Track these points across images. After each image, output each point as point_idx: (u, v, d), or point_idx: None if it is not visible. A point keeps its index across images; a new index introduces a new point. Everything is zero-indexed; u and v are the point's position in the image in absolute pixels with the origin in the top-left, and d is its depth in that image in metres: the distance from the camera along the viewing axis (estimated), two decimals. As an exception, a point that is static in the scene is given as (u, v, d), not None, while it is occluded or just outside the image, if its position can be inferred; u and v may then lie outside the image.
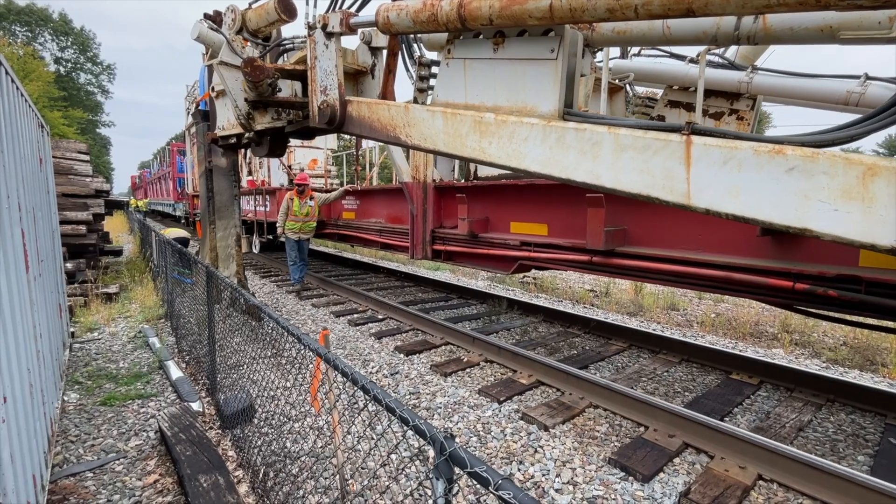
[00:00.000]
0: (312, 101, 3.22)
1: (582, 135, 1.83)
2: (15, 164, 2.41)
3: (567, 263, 4.13)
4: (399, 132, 2.60)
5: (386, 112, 2.70)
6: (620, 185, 1.75)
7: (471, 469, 0.95)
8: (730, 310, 7.33)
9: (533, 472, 2.73)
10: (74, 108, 33.18)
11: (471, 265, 5.24)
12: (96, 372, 4.21)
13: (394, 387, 3.98)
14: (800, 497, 2.53)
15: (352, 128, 3.04)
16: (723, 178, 1.55)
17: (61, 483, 2.57)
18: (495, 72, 2.24)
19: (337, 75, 3.03)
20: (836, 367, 4.74)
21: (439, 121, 2.33)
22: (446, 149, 2.33)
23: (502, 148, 2.08)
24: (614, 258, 3.67)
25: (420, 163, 5.50)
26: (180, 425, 2.98)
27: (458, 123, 2.25)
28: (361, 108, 2.92)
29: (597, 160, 1.79)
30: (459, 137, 2.25)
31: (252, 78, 3.39)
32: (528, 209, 4.61)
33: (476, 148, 2.18)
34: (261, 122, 4.03)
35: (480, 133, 2.15)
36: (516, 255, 4.55)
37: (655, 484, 2.63)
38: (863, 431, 3.28)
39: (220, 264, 6.01)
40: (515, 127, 2.03)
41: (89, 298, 6.55)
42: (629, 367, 4.50)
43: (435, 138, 2.38)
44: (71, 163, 7.88)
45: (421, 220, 5.58)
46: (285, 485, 2.42)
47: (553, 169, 1.93)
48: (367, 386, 1.36)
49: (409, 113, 2.53)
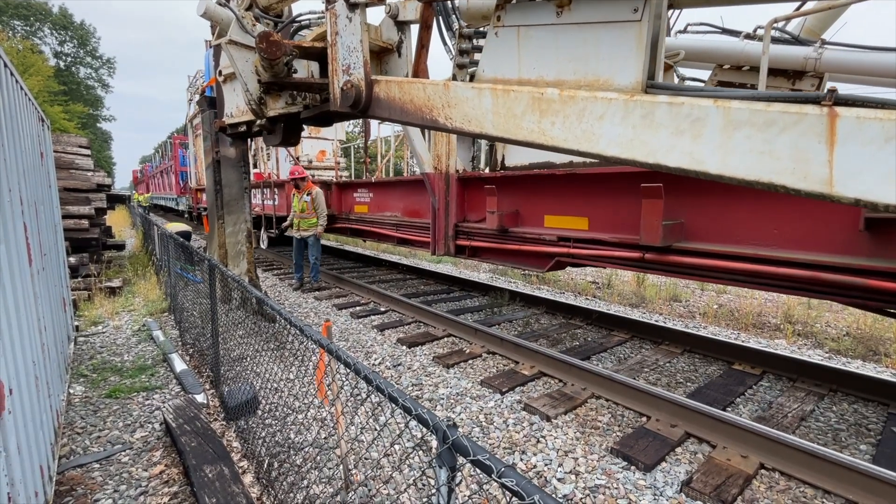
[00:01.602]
0: (333, 83, 2.85)
1: (678, 110, 1.52)
2: (16, 158, 2.41)
3: (613, 261, 3.76)
4: (437, 114, 2.26)
5: (421, 92, 2.34)
6: (731, 171, 1.46)
7: (473, 457, 0.95)
8: (732, 301, 7.31)
9: (535, 462, 2.75)
10: (75, 102, 33.15)
11: (499, 262, 4.87)
12: (101, 365, 4.23)
13: (396, 378, 4.00)
14: (802, 486, 2.54)
15: (379, 111, 2.68)
16: (884, 161, 1.22)
17: (68, 474, 2.60)
18: (558, 40, 1.94)
19: (362, 52, 2.67)
20: (838, 358, 4.74)
21: (487, 100, 2.02)
22: (496, 132, 2.02)
23: (569, 129, 1.76)
24: (671, 255, 3.31)
25: (442, 152, 5.12)
26: (185, 417, 3.00)
27: (511, 102, 1.94)
28: (391, 89, 2.56)
29: (698, 140, 1.49)
30: (513, 118, 1.93)
31: (268, 55, 3.06)
32: (565, 201, 4.22)
33: (534, 130, 1.86)
34: (274, 108, 3.69)
35: (540, 112, 1.83)
36: (553, 252, 4.16)
37: (657, 473, 2.64)
38: (865, 421, 3.28)
39: (230, 262, 5.70)
40: (587, 103, 1.71)
41: (93, 292, 6.58)
42: (631, 357, 4.50)
43: (481, 120, 2.06)
44: (72, 157, 7.88)
45: (443, 213, 5.21)
46: (289, 475, 2.44)
47: (637, 152, 1.62)
48: (369, 376, 1.36)
49: (450, 92, 2.18)
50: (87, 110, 37.30)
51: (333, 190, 8.14)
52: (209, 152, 5.63)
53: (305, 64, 3.73)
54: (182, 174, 19.25)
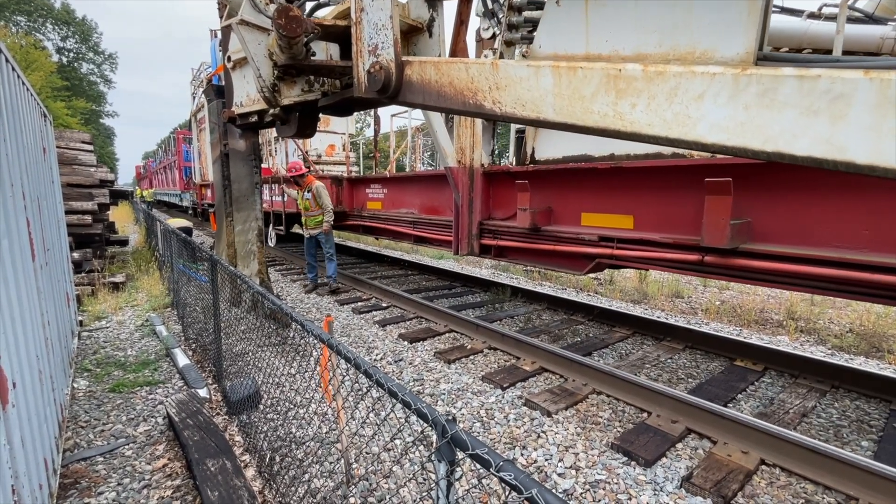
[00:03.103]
0: (358, 65, 2.53)
1: (812, 85, 1.21)
2: (18, 154, 2.41)
3: (664, 264, 3.45)
4: (482, 98, 1.96)
5: (463, 72, 2.04)
6: (886, 161, 1.18)
7: (472, 451, 0.95)
8: (734, 297, 7.29)
9: (536, 457, 2.75)
10: (77, 98, 33.18)
11: (530, 263, 4.58)
12: (105, 359, 4.26)
13: (398, 374, 4.01)
14: (803, 482, 2.54)
15: (411, 96, 2.35)
16: None
17: (72, 467, 2.62)
18: (638, 7, 1.66)
19: (392, 29, 2.35)
20: (841, 354, 4.72)
21: (547, 79, 1.70)
22: (558, 117, 1.70)
23: (656, 111, 1.47)
24: (738, 258, 2.99)
25: (466, 145, 4.78)
26: (188, 411, 3.02)
27: (578, 81, 1.63)
28: (425, 71, 2.23)
29: (840, 122, 1.20)
30: (580, 100, 1.63)
31: (287, 32, 2.76)
32: (606, 198, 3.88)
33: (608, 114, 1.56)
34: (288, 96, 3.38)
35: (617, 92, 1.54)
36: (593, 253, 3.83)
37: (658, 469, 2.65)
38: (867, 417, 3.27)
39: (240, 262, 5.39)
40: (681, 80, 1.42)
41: (96, 287, 6.62)
42: (633, 353, 4.50)
43: (539, 103, 1.74)
44: (75, 153, 7.90)
45: (466, 210, 4.85)
46: (291, 469, 2.45)
47: (750, 139, 1.34)
48: (369, 371, 1.36)
49: (500, 72, 1.87)
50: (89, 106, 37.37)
51: (345, 185, 7.89)
52: (217, 145, 5.32)
53: (324, 46, 3.40)
54: (186, 170, 19.13)
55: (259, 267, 5.48)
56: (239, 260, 5.40)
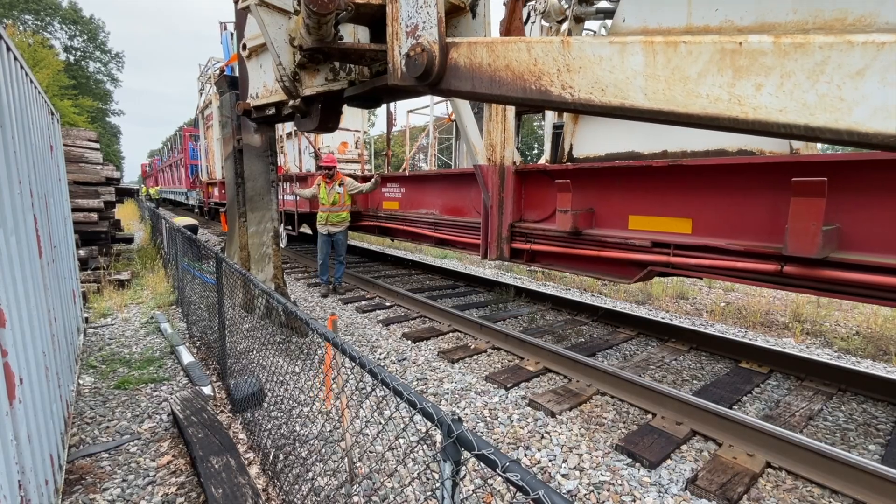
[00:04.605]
0: (394, 49, 2.22)
1: None
2: (26, 151, 2.43)
3: (734, 274, 3.07)
4: (548, 83, 1.64)
5: (524, 53, 1.71)
6: None
7: (478, 451, 0.95)
8: (740, 298, 7.25)
9: (540, 458, 2.74)
10: (84, 96, 33.36)
11: (569, 270, 4.16)
12: (110, 356, 4.29)
13: (401, 373, 4.01)
14: (809, 485, 2.52)
15: (457, 82, 2.02)
16: None
17: (78, 463, 2.63)
18: None
19: (437, 6, 2.05)
20: (848, 357, 4.68)
21: (636, 57, 1.41)
22: (650, 103, 1.41)
23: (793, 94, 1.16)
24: (825, 269, 2.63)
25: (497, 141, 4.42)
26: (192, 409, 3.03)
27: (680, 58, 1.33)
28: (476, 53, 1.91)
29: None
30: (682, 82, 1.33)
31: (318, 9, 2.46)
32: (658, 199, 3.52)
33: (720, 98, 1.25)
34: (311, 85, 3.07)
35: (735, 70, 1.22)
36: (645, 260, 3.49)
37: (662, 470, 2.64)
38: (874, 421, 3.24)
39: (253, 266, 5.05)
40: (831, 52, 1.11)
41: (102, 285, 6.65)
42: (637, 354, 4.48)
43: (625, 87, 1.44)
44: (81, 151, 7.95)
45: (496, 211, 4.51)
46: (294, 467, 2.46)
47: None
48: (374, 370, 1.36)
49: (573, 51, 1.56)
50: (96, 104, 37.56)
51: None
52: (229, 140, 5.00)
53: (351, 31, 3.08)
54: (192, 167, 18.97)
55: (275, 271, 5.08)
56: (253, 264, 5.09)
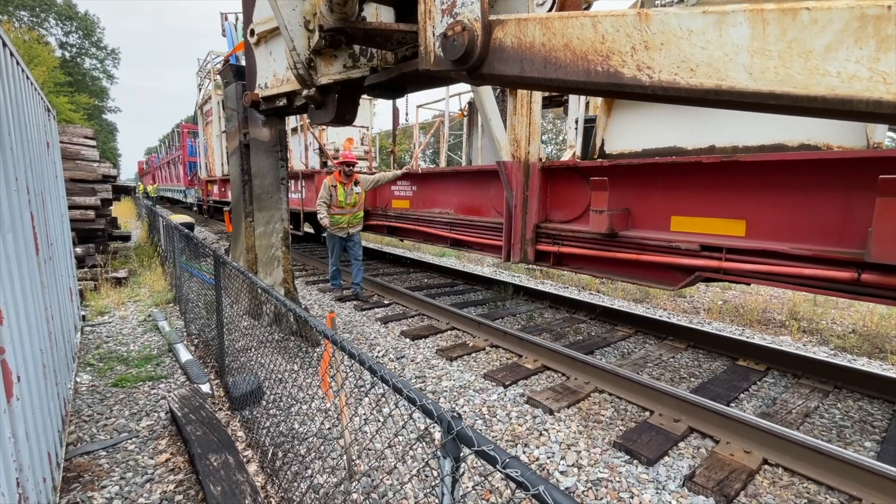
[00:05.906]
0: (426, 29, 1.83)
1: None
2: (22, 148, 2.41)
3: (800, 281, 2.76)
4: (619, 63, 1.34)
5: (588, 30, 1.40)
6: None
7: (478, 448, 0.95)
8: (737, 297, 7.28)
9: (538, 455, 2.75)
10: (80, 93, 33.20)
11: (603, 274, 3.85)
12: (108, 354, 4.27)
13: (400, 371, 4.01)
14: (805, 481, 2.53)
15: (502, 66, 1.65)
16: None
17: (76, 461, 2.63)
18: None
19: None
20: (844, 355, 4.71)
21: (740, 29, 1.10)
22: (755, 83, 1.11)
23: None
24: None
25: (521, 136, 4.07)
26: (190, 406, 3.02)
27: (800, 29, 1.04)
28: (526, 31, 1.56)
29: None
30: (803, 57, 1.04)
31: None
32: (706, 198, 3.22)
33: (857, 75, 0.96)
34: (327, 73, 2.79)
35: (879, 41, 0.93)
36: (692, 265, 3.17)
37: (660, 467, 2.65)
38: (870, 418, 3.26)
39: (261, 269, 4.69)
40: None
41: (99, 283, 6.63)
42: (635, 352, 4.50)
43: (722, 65, 1.14)
44: (78, 148, 7.91)
45: (521, 211, 4.18)
46: (293, 464, 2.46)
47: None
48: (373, 367, 1.36)
49: (652, 24, 1.27)
50: (92, 101, 37.41)
51: None
52: (235, 134, 4.66)
53: (374, 11, 2.84)
54: (191, 165, 18.69)
55: (284, 275, 4.66)
56: (260, 267, 4.73)
